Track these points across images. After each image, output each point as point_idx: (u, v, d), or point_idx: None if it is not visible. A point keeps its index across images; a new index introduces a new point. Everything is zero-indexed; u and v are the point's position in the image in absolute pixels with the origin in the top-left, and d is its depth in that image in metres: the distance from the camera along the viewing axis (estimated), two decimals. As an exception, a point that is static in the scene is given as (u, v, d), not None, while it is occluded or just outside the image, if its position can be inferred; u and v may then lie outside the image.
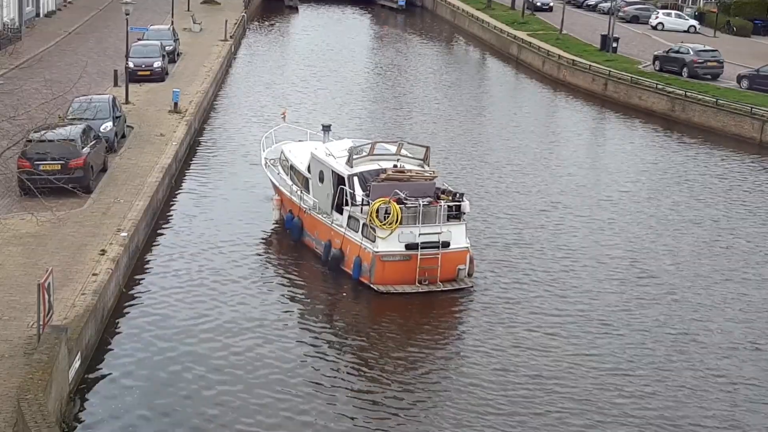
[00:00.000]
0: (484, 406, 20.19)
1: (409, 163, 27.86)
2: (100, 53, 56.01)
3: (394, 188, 26.11)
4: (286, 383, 20.90)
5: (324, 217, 27.87)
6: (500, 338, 23.46)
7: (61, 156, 29.15)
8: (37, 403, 16.50)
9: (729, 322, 25.01)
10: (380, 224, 25.50)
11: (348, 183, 26.79)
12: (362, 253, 25.99)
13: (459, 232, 26.24)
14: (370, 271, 25.72)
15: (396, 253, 25.67)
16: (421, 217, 25.75)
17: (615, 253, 29.59)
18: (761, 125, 45.42)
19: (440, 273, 25.90)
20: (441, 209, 25.97)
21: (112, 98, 37.56)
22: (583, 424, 19.71)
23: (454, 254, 26.05)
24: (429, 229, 25.79)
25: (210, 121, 45.77)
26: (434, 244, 25.80)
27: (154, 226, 30.11)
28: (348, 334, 23.72)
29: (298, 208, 29.20)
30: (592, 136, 48.55)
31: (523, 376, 21.64)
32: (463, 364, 22.33)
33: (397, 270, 25.73)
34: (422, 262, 25.73)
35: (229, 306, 24.69)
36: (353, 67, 62.68)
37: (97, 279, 23.24)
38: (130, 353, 21.96)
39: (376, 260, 25.60)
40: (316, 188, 28.65)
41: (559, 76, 60.52)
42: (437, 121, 47.57)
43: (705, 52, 56.25)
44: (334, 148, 28.80)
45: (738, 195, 36.89)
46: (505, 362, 22.25)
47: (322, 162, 28.27)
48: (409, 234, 25.67)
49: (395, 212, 25.43)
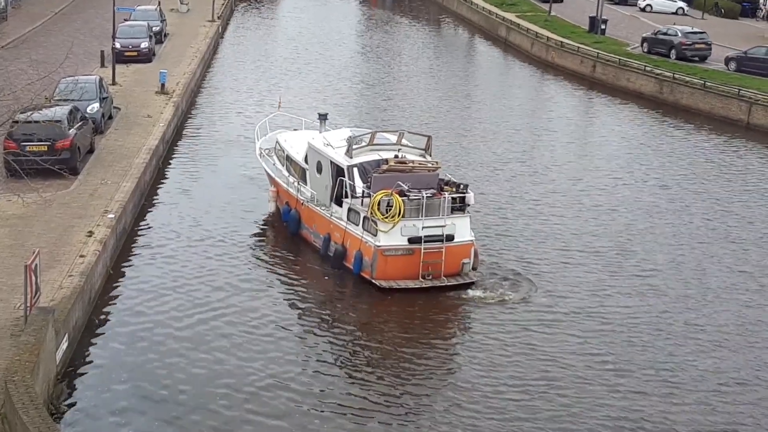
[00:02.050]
0: (488, 404, 19.62)
1: (411, 153, 26.98)
2: (87, 34, 55.69)
3: (397, 180, 25.26)
4: (277, 370, 20.68)
5: (322, 209, 27.02)
6: (506, 334, 22.74)
7: (47, 137, 29.03)
8: (24, 384, 16.47)
9: (723, 312, 24.61)
10: (382, 217, 24.68)
11: (348, 174, 25.94)
12: (363, 247, 25.17)
13: (463, 225, 25.47)
14: (372, 266, 24.89)
15: (399, 247, 24.85)
16: (424, 209, 24.93)
17: (608, 243, 28.91)
18: (748, 107, 45.49)
19: (444, 267, 25.06)
20: (445, 201, 25.16)
21: (99, 79, 37.37)
22: (595, 423, 19.20)
23: (458, 248, 25.22)
24: (432, 222, 24.99)
25: (197, 102, 45.61)
26: (438, 237, 25.01)
27: (141, 208, 30.02)
28: (348, 330, 22.93)
29: (295, 200, 28.34)
30: (581, 119, 48.48)
31: (530, 372, 20.96)
32: (465, 361, 21.58)
33: (399, 265, 24.89)
34: (426, 256, 24.90)
35: (217, 287, 24.59)
36: (341, 49, 62.45)
37: (84, 260, 23.18)
38: (118, 335, 21.92)
39: (377, 255, 24.77)
40: (314, 179, 27.75)
41: (547, 58, 60.42)
42: (425, 105, 47.27)
43: (693, 34, 56.26)
44: (333, 137, 27.86)
45: (728, 177, 36.92)
46: (511, 359, 21.54)
47: (320, 152, 27.37)
48: (412, 227, 24.88)
49: (398, 205, 24.63)
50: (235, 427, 18.54)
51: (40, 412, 15.72)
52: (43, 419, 15.50)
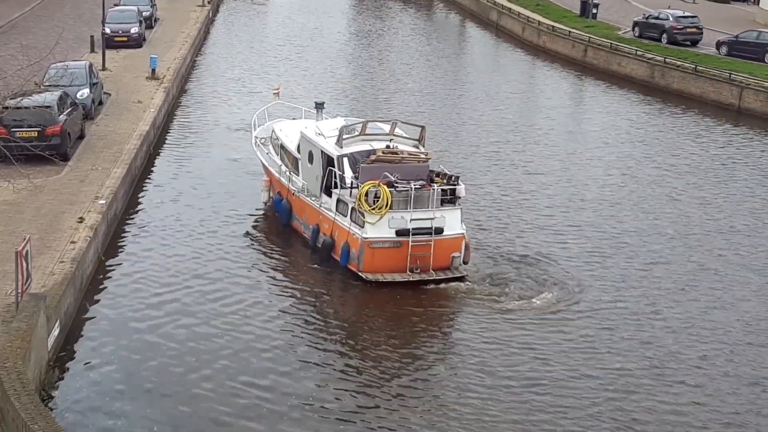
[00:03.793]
0: (478, 403, 19.07)
1: (404, 143, 26.28)
2: (76, 19, 55.46)
3: (385, 170, 24.65)
4: (266, 357, 20.59)
5: (312, 200, 26.54)
6: (495, 330, 22.15)
7: (37, 123, 28.93)
8: (16, 371, 16.45)
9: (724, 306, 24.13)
10: (369, 209, 24.12)
11: (337, 164, 25.36)
12: (350, 239, 24.64)
13: (454, 218, 24.82)
14: (359, 259, 24.36)
15: (386, 239, 24.30)
16: (412, 201, 24.39)
17: (600, 233, 28.45)
18: (740, 91, 45.53)
19: (433, 261, 24.49)
20: (434, 193, 24.54)
21: (89, 65, 37.23)
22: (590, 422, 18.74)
23: (448, 241, 24.61)
24: (421, 214, 24.43)
25: (188, 88, 45.48)
26: (427, 230, 24.44)
27: (132, 194, 29.96)
28: (332, 326, 22.42)
29: (287, 190, 27.92)
30: (572, 104, 48.52)
31: (522, 370, 20.34)
32: (454, 359, 21.07)
33: (387, 257, 24.34)
34: (414, 249, 24.31)
35: (208, 276, 24.49)
36: (333, 34, 62.26)
37: (75, 247, 23.14)
38: (109, 321, 21.91)
39: (364, 247, 24.21)
40: (305, 169, 27.16)
41: (539, 43, 60.37)
42: (417, 92, 47.08)
43: (684, 18, 56.24)
44: (325, 127, 27.34)
45: (720, 161, 36.96)
46: (500, 355, 20.97)
47: (312, 141, 26.74)
48: (400, 219, 24.30)
49: (385, 196, 24.03)
50: (222, 414, 18.44)
51: (32, 398, 15.71)
52: (35, 405, 15.49)
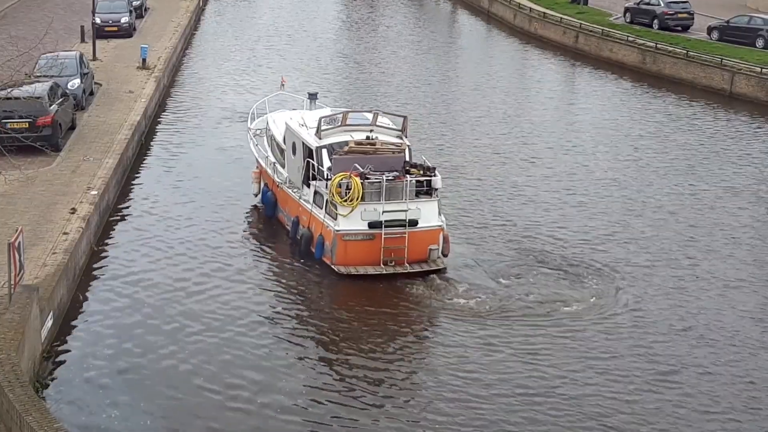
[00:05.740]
0: (457, 400, 18.61)
1: (385, 134, 25.72)
2: (67, 9, 55.26)
3: (357, 161, 24.20)
4: (250, 344, 20.55)
5: (294, 191, 26.22)
6: (471, 324, 21.64)
7: (28, 114, 28.82)
8: (9, 363, 16.42)
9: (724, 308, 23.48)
10: (341, 201, 23.70)
11: (316, 155, 24.96)
12: (324, 231, 24.27)
13: (430, 210, 24.24)
14: (332, 251, 23.95)
15: (358, 231, 23.80)
16: (385, 193, 23.81)
17: (592, 223, 28.03)
18: (731, 77, 45.55)
19: (408, 253, 23.92)
20: (408, 185, 23.90)
21: (80, 55, 37.14)
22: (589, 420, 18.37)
23: (423, 233, 24.06)
24: (394, 206, 23.85)
25: (179, 77, 45.37)
26: (400, 222, 23.87)
27: (124, 184, 29.90)
28: (306, 318, 22.01)
29: (272, 181, 27.68)
30: (564, 90, 48.44)
31: (501, 367, 19.86)
32: (424, 352, 20.77)
33: (359, 250, 23.84)
34: (387, 241, 23.76)
35: (199, 266, 24.40)
36: (323, 24, 62.12)
37: (67, 238, 23.08)
38: (102, 312, 21.86)
39: (337, 239, 23.79)
40: (290, 160, 26.75)
41: (530, 30, 60.33)
42: (408, 80, 46.93)
43: (675, 3, 56.15)
44: (310, 117, 26.95)
45: (711, 146, 36.96)
46: (475, 351, 20.46)
47: (294, 133, 26.32)
48: (373, 211, 23.78)
49: (356, 188, 23.54)
50: (217, 404, 18.36)
51: (26, 389, 15.68)
52: (29, 397, 15.46)
